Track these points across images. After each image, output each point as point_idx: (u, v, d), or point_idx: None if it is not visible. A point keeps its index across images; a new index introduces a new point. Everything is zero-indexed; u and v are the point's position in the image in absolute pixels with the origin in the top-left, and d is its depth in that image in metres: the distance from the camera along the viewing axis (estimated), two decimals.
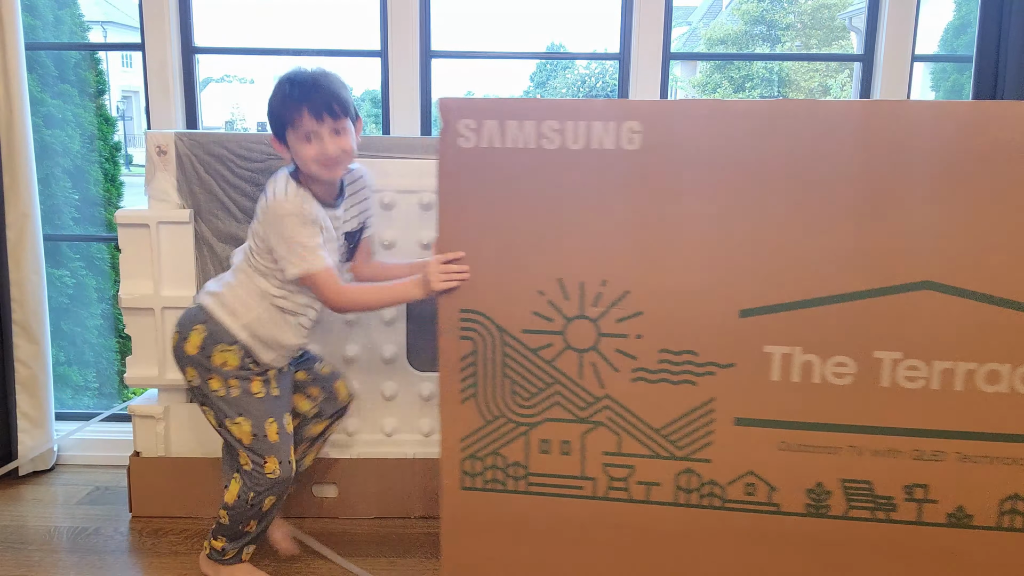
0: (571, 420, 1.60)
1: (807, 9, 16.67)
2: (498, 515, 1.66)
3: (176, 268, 2.13)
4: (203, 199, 2.12)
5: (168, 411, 2.19)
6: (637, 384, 1.55)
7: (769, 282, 1.48)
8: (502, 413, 1.62)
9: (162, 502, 2.20)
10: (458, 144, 1.55)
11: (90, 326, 2.85)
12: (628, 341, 1.54)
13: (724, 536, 1.59)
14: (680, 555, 1.61)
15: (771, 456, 1.54)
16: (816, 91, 16.39)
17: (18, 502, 2.32)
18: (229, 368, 1.72)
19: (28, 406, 2.42)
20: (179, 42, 2.40)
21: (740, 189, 1.46)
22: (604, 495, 1.62)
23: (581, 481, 1.62)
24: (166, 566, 1.98)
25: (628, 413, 1.57)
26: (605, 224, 1.51)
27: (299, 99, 1.60)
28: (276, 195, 1.64)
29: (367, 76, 8.90)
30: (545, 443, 1.62)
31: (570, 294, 1.55)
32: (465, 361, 1.62)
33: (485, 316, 1.60)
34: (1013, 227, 1.42)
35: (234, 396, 1.72)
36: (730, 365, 1.52)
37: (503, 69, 34.59)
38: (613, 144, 1.48)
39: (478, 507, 1.67)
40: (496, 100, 1.56)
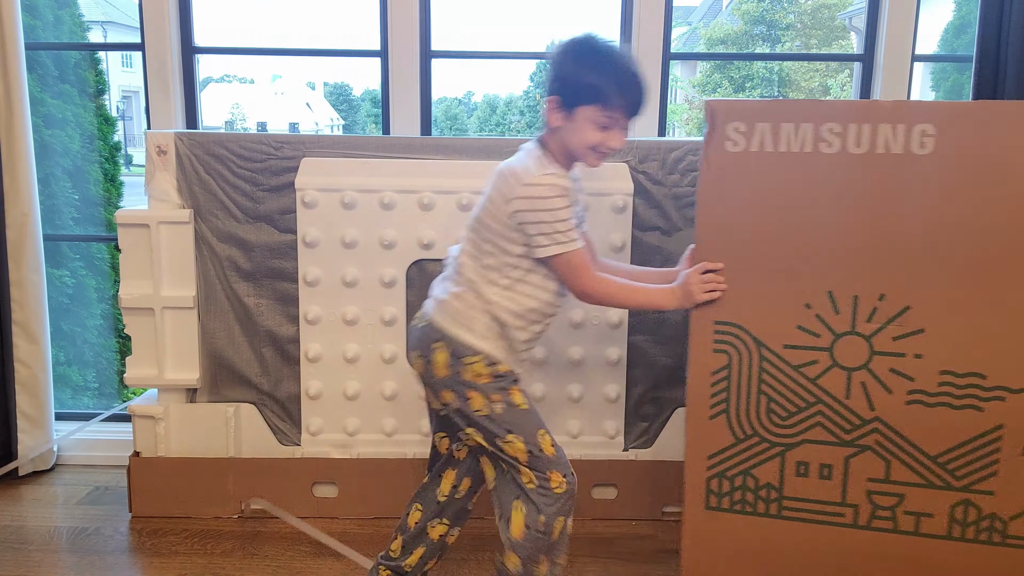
0: (834, 443, 1.50)
1: (807, 9, 16.67)
2: (746, 539, 1.57)
3: (176, 268, 2.13)
4: (203, 199, 2.12)
5: (168, 411, 2.19)
6: (912, 407, 1.45)
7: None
8: (755, 432, 1.53)
9: (162, 502, 2.20)
10: (725, 148, 1.47)
11: (90, 326, 2.85)
12: (905, 361, 1.44)
13: (1003, 574, 1.47)
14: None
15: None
16: (816, 91, 16.38)
17: (18, 502, 2.32)
18: (484, 381, 1.54)
19: (28, 406, 2.42)
20: (179, 42, 2.40)
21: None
22: (867, 524, 1.52)
23: (842, 508, 1.52)
24: (166, 566, 1.98)
25: (900, 438, 1.47)
26: (886, 233, 1.42)
27: (629, 91, 1.46)
28: (532, 170, 1.49)
29: (367, 76, 8.88)
30: (803, 466, 1.53)
31: (841, 308, 1.46)
32: (717, 375, 1.54)
33: (742, 329, 1.51)
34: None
35: (499, 413, 1.55)
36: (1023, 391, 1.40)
37: (503, 69, 34.17)
38: (902, 148, 1.39)
39: (724, 529, 1.58)
40: (770, 101, 1.49)
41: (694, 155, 2.11)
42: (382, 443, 2.21)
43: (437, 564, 1.80)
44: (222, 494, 2.19)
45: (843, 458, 1.51)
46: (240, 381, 2.20)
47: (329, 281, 2.13)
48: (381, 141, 2.12)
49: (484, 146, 2.12)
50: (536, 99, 21.20)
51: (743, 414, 1.54)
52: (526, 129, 21.03)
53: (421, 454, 2.20)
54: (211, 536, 2.11)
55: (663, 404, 2.22)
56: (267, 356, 2.19)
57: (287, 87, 27.65)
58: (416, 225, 2.11)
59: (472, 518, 2.22)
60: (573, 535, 2.13)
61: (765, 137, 1.45)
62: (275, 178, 2.11)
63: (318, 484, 2.20)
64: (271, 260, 2.15)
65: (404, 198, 2.10)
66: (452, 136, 2.18)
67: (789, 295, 1.48)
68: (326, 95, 28.80)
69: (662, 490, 2.20)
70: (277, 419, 2.22)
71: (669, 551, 2.06)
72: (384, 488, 2.19)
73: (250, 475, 2.18)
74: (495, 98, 27.51)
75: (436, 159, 2.11)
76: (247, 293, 2.16)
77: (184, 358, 2.17)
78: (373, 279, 2.13)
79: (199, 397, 2.21)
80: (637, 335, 2.18)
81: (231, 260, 2.15)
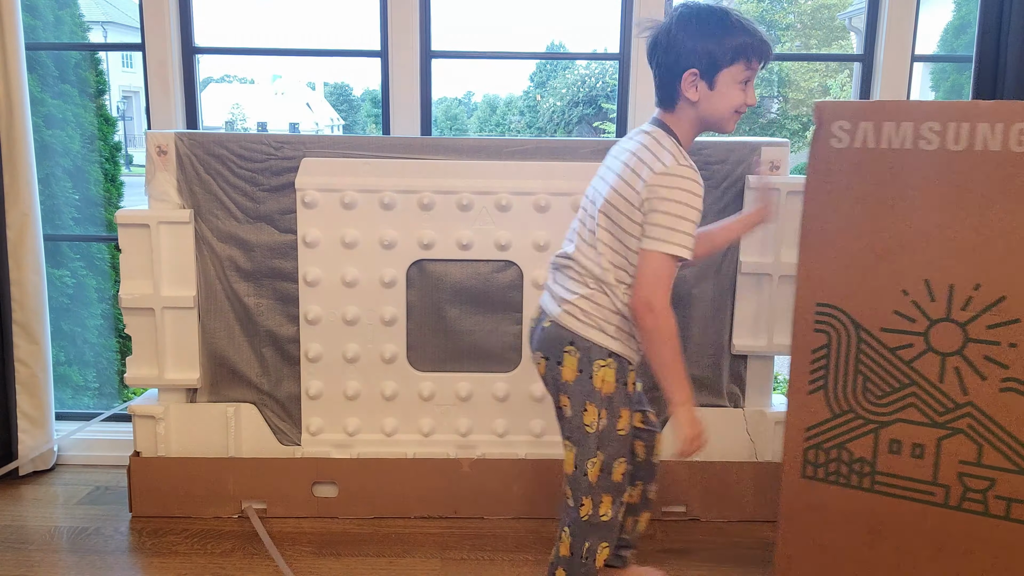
0: (926, 424, 1.57)
1: (807, 9, 16.67)
2: (838, 508, 1.66)
3: (176, 268, 2.14)
4: (203, 199, 2.13)
5: (168, 411, 2.19)
6: (1006, 395, 1.49)
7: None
8: (851, 408, 1.62)
9: (162, 502, 2.20)
10: (831, 144, 1.57)
11: (90, 326, 2.85)
12: (1000, 349, 1.49)
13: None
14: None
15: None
16: (816, 91, 16.39)
17: (18, 502, 2.32)
18: (607, 392, 1.51)
19: (28, 406, 2.42)
20: (179, 42, 2.40)
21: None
22: (958, 505, 1.56)
23: (932, 487, 1.58)
24: (166, 566, 1.98)
25: (993, 424, 1.51)
26: (982, 226, 1.48)
27: (763, 39, 1.44)
28: (670, 163, 1.42)
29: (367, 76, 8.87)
30: (895, 443, 1.60)
31: (937, 296, 1.52)
32: (817, 353, 1.63)
33: (842, 311, 1.60)
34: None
35: (602, 429, 1.53)
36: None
37: (503, 69, 34.13)
38: (999, 146, 1.45)
39: (817, 497, 1.67)
40: (873, 103, 1.58)
41: (694, 155, 2.10)
42: (382, 443, 2.21)
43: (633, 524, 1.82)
44: (222, 494, 2.19)
45: (935, 439, 1.57)
46: (240, 381, 2.20)
47: (329, 281, 2.13)
48: (381, 141, 2.12)
49: (484, 146, 2.12)
50: (536, 99, 21.23)
51: (840, 391, 1.63)
52: (526, 129, 21.04)
53: (421, 454, 2.20)
54: (211, 536, 2.11)
55: (662, 404, 2.22)
56: (267, 356, 2.19)
57: (287, 87, 27.68)
58: (416, 225, 2.11)
59: (472, 518, 2.23)
60: None
61: (868, 134, 1.54)
62: (275, 178, 2.11)
63: (318, 484, 2.20)
64: (271, 260, 2.15)
65: (404, 198, 2.10)
66: (452, 136, 2.19)
67: (887, 281, 1.56)
68: (326, 95, 28.83)
69: (662, 490, 2.20)
70: (277, 419, 2.22)
71: (669, 551, 2.07)
72: (384, 488, 2.19)
73: (250, 475, 2.18)
74: (495, 98, 27.50)
75: (436, 159, 2.11)
76: (247, 293, 2.16)
77: (184, 358, 2.17)
78: (373, 279, 2.13)
79: (199, 397, 2.21)
80: None
81: (231, 260, 2.15)
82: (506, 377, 2.19)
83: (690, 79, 1.45)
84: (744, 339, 2.18)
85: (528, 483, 2.20)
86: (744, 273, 2.15)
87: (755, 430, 2.21)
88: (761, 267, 2.14)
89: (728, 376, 2.21)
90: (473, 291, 2.16)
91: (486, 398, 2.19)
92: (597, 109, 18.70)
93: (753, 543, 2.12)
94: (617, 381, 1.52)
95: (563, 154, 2.11)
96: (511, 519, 2.21)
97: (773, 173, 2.12)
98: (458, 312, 2.17)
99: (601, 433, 1.52)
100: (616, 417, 1.53)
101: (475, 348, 2.19)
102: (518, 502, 2.21)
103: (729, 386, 2.22)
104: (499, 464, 2.19)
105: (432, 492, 2.20)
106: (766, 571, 2.00)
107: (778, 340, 2.16)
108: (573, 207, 2.11)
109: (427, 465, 2.19)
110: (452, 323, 2.18)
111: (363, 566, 1.98)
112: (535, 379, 2.17)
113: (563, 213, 2.11)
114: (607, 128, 14.21)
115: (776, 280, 2.13)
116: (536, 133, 20.24)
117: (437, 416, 2.20)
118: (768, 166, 2.11)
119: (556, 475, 2.19)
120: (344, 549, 2.05)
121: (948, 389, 1.54)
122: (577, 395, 1.52)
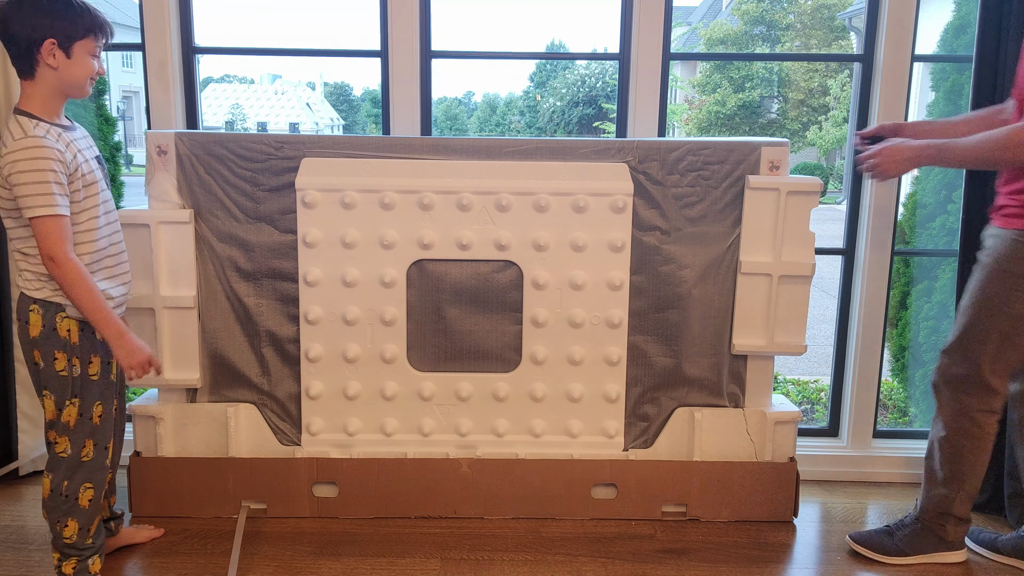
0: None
1: (807, 9, 16.66)
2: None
3: (176, 268, 2.13)
4: (203, 199, 2.13)
5: (168, 411, 2.19)
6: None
7: None
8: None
9: (162, 502, 2.20)
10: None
11: None
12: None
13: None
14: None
15: None
16: (816, 91, 16.39)
17: (18, 502, 2.32)
18: (73, 340, 1.73)
19: (28, 406, 2.42)
20: (179, 42, 2.40)
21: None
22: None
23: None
24: (166, 566, 1.98)
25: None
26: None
27: (103, 18, 1.71)
28: (11, 141, 1.63)
29: (367, 76, 8.84)
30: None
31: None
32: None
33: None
34: None
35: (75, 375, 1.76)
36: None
37: (503, 69, 34.04)
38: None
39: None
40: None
41: (694, 155, 2.11)
42: (382, 443, 2.21)
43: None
44: (222, 494, 2.19)
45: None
46: (240, 381, 2.20)
47: (329, 281, 2.13)
48: (381, 141, 2.12)
49: (484, 146, 2.12)
50: (536, 99, 21.22)
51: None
52: (526, 129, 21.06)
53: (421, 454, 2.20)
54: (211, 536, 2.11)
55: (663, 404, 2.22)
56: (267, 356, 2.19)
57: (287, 87, 27.69)
58: (416, 225, 2.11)
59: (472, 518, 2.23)
60: (572, 535, 2.14)
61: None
62: (275, 178, 2.11)
63: (318, 484, 2.20)
64: (271, 260, 2.15)
65: (404, 198, 2.10)
66: (452, 136, 2.19)
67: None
68: (326, 95, 28.83)
69: (661, 490, 2.21)
70: (277, 419, 2.22)
71: (669, 551, 2.07)
72: (384, 488, 2.19)
73: (250, 475, 2.18)
74: (495, 98, 27.49)
75: (436, 159, 2.11)
76: (247, 293, 2.16)
77: (184, 358, 2.17)
78: (373, 279, 2.13)
79: (199, 397, 2.21)
80: (637, 335, 2.19)
81: (231, 260, 2.15)
82: (506, 377, 2.19)
83: (49, 48, 1.64)
84: (744, 339, 2.18)
85: (528, 483, 2.20)
86: (744, 273, 2.15)
87: (755, 430, 2.21)
88: (761, 267, 2.14)
89: (728, 376, 2.22)
90: (473, 291, 2.16)
91: (486, 398, 2.19)
92: (597, 109, 18.71)
93: (753, 543, 2.12)
94: (82, 331, 1.72)
95: (563, 154, 2.11)
96: (511, 519, 2.21)
97: (773, 174, 2.12)
98: (458, 312, 2.17)
99: (75, 379, 1.73)
100: (87, 363, 1.74)
101: (475, 348, 2.19)
102: (518, 502, 2.21)
103: (729, 386, 2.22)
104: (499, 464, 2.19)
105: (432, 492, 2.20)
106: (766, 571, 2.00)
107: (778, 340, 2.16)
108: (573, 207, 2.11)
109: (427, 465, 2.19)
110: (452, 323, 2.18)
111: (363, 566, 1.98)
112: (535, 379, 2.18)
113: (563, 213, 2.11)
114: (607, 128, 14.21)
115: (776, 280, 2.13)
116: (536, 133, 20.25)
117: (437, 416, 2.21)
118: (769, 165, 2.11)
119: (556, 475, 2.19)
120: (344, 549, 2.05)
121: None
122: (45, 346, 1.71)
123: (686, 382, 2.21)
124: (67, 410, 1.74)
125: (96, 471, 1.79)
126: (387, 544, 2.08)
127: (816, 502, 2.38)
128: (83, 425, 1.75)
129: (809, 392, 3.70)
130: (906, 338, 2.95)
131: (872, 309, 2.46)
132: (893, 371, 3.05)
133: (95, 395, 1.76)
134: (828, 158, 15.87)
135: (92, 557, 1.81)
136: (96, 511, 1.80)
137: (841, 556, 2.08)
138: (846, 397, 2.54)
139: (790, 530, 2.20)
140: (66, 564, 1.79)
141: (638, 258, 2.15)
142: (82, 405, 1.74)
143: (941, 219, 2.71)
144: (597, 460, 2.19)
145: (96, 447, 1.78)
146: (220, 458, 2.19)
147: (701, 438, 2.20)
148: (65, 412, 1.74)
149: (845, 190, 3.70)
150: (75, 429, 1.75)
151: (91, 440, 1.77)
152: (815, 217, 2.15)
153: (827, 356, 3.18)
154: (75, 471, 1.76)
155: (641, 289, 2.17)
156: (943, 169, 2.68)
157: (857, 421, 2.52)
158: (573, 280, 2.14)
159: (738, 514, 2.23)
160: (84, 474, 1.77)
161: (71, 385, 1.73)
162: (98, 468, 1.79)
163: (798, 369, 4.14)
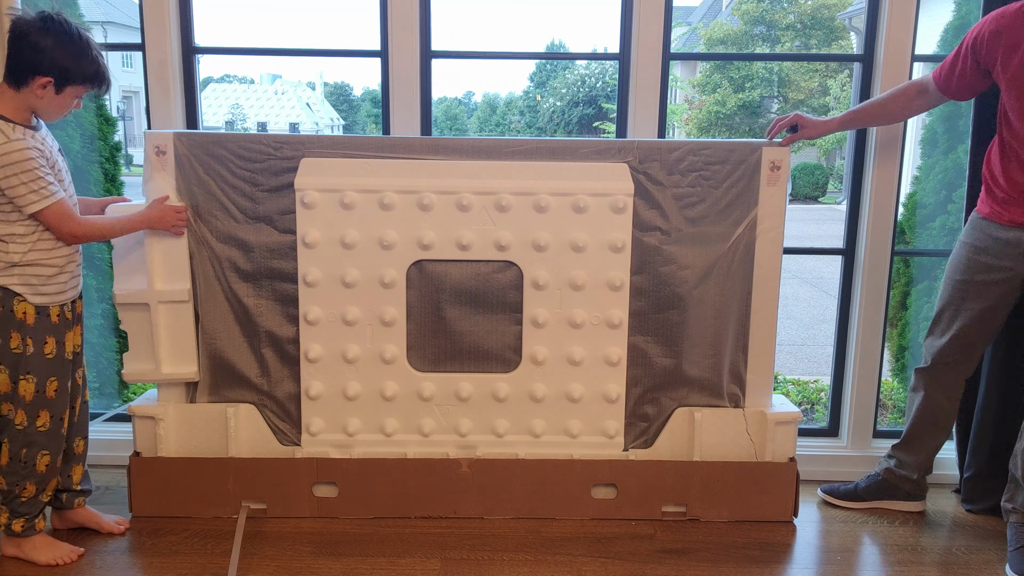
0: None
1: (807, 9, 16.66)
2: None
3: (170, 262, 2.12)
4: (202, 199, 2.12)
5: (168, 411, 2.19)
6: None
7: None
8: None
9: (162, 502, 2.20)
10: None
11: (90, 326, 2.84)
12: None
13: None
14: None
15: None
16: (816, 91, 16.39)
17: None
18: (29, 323, 1.87)
19: None
20: (179, 42, 2.40)
21: None
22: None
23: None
24: (166, 566, 1.98)
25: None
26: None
27: (105, 71, 1.87)
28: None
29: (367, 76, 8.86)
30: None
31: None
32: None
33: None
34: None
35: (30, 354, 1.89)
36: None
37: (503, 69, 34.07)
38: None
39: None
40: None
41: (695, 155, 2.11)
42: (382, 443, 2.21)
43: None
44: (222, 494, 2.19)
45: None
46: (240, 381, 2.20)
47: (329, 282, 2.13)
48: (381, 141, 2.12)
49: (484, 146, 2.12)
50: (536, 99, 21.20)
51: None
52: (526, 129, 21.06)
53: (421, 454, 2.20)
54: (211, 536, 2.11)
55: (663, 404, 2.22)
56: (267, 356, 2.19)
57: (287, 87, 27.69)
58: (416, 225, 2.11)
59: (472, 518, 2.23)
60: (573, 535, 2.14)
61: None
62: (275, 178, 2.11)
63: (318, 484, 2.20)
64: (271, 260, 2.15)
65: (404, 198, 2.10)
66: (452, 136, 2.19)
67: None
68: (326, 95, 28.82)
69: (661, 490, 2.21)
70: (277, 419, 2.22)
71: (669, 551, 2.07)
72: (384, 488, 2.19)
73: (250, 475, 2.18)
74: (495, 98, 27.46)
75: (436, 159, 2.11)
76: (247, 293, 2.16)
77: (181, 351, 2.17)
78: (373, 279, 2.13)
79: (199, 397, 2.21)
80: (637, 335, 2.18)
81: (231, 261, 2.15)
82: (506, 377, 2.19)
83: (44, 82, 1.77)
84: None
85: (528, 483, 2.20)
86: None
87: (755, 430, 2.21)
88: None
89: (728, 376, 2.22)
90: (473, 291, 2.16)
91: (486, 398, 2.19)
92: (597, 109, 18.71)
93: (753, 543, 2.12)
94: (38, 315, 1.87)
95: (563, 154, 2.11)
96: (511, 519, 2.21)
97: (773, 174, 2.12)
98: (458, 312, 2.17)
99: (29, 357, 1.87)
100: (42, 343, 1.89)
101: (475, 348, 2.19)
102: (518, 502, 2.21)
103: (729, 386, 2.22)
104: (499, 464, 2.19)
105: (432, 492, 2.20)
106: (766, 571, 2.00)
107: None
108: (573, 207, 2.11)
109: (427, 465, 2.19)
110: (452, 323, 2.18)
111: (363, 566, 1.98)
112: (535, 379, 2.18)
113: (563, 213, 2.11)
114: (607, 128, 14.21)
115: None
116: (536, 133, 20.24)
117: (437, 416, 2.20)
118: (770, 166, 2.11)
119: (556, 475, 2.19)
120: (344, 549, 2.05)
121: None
122: (1, 327, 1.86)
123: (686, 382, 2.21)
124: (22, 384, 1.88)
125: (52, 439, 1.94)
126: (387, 544, 2.08)
127: (816, 502, 2.38)
128: (39, 399, 1.90)
129: (809, 392, 3.70)
130: (906, 338, 2.95)
131: (872, 309, 2.46)
132: (893, 371, 3.05)
133: (49, 372, 1.90)
134: (828, 158, 15.88)
135: (38, 517, 1.96)
136: (53, 473, 1.96)
137: (841, 556, 2.08)
138: (846, 397, 2.54)
139: (790, 530, 2.20)
140: (15, 522, 1.93)
141: (638, 258, 2.15)
142: (38, 381, 1.89)
143: (941, 219, 2.71)
144: (597, 460, 2.19)
145: (52, 418, 1.92)
146: (220, 458, 2.19)
147: (701, 438, 2.20)
148: (21, 386, 1.88)
149: (845, 190, 3.70)
150: (31, 403, 1.89)
151: (47, 411, 1.91)
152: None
153: (827, 356, 3.18)
154: (32, 440, 1.91)
155: (641, 289, 2.17)
156: (943, 169, 2.68)
157: (857, 421, 2.52)
158: (573, 280, 2.14)
159: (738, 514, 2.23)
160: (41, 442, 1.92)
161: (23, 362, 1.87)
162: (54, 437, 1.94)
163: (798, 369, 4.14)
